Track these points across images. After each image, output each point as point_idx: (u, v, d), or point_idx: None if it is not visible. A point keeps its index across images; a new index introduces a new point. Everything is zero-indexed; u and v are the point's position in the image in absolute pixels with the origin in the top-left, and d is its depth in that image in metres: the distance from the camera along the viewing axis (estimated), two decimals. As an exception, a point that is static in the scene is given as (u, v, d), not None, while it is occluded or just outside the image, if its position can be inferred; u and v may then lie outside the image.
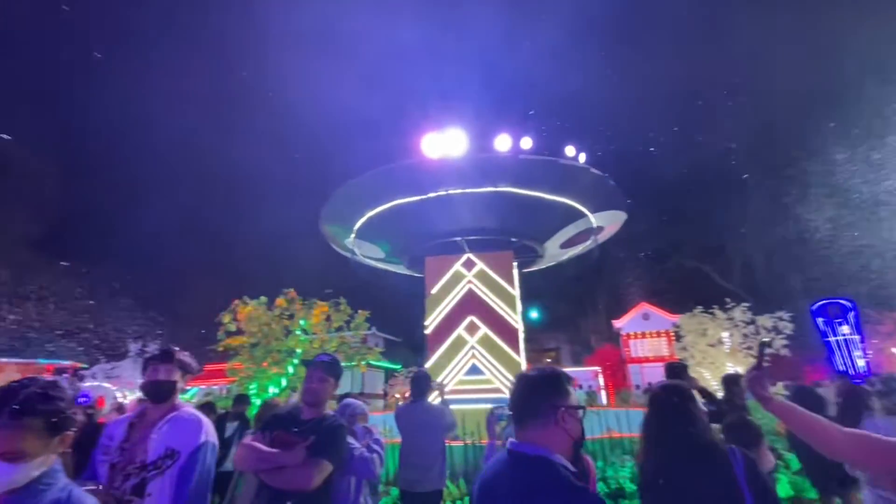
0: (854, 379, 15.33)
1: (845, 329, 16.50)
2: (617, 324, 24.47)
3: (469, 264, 12.28)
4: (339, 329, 8.95)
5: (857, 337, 15.91)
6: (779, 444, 5.27)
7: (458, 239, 12.20)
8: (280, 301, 8.80)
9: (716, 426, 2.47)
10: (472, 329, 11.82)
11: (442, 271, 12.40)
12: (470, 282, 12.16)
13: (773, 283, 21.98)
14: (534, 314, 28.87)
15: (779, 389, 8.92)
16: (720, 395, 4.46)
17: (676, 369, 3.78)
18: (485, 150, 10.56)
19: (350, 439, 2.54)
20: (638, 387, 19.83)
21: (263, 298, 8.73)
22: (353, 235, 12.32)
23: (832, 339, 16.71)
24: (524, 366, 11.79)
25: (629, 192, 12.28)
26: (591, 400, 18.29)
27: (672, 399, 1.82)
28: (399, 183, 10.81)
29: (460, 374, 11.59)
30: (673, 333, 19.81)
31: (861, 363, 16.39)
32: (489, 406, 4.12)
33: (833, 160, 19.22)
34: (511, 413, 1.43)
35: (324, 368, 2.24)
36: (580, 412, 1.33)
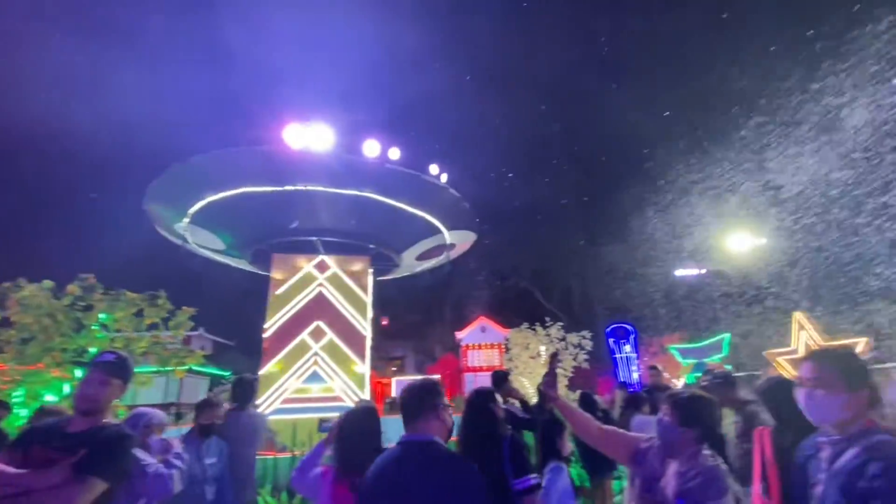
0: (630, 388, 19.43)
1: (627, 348, 20.74)
2: (459, 335, 26.11)
3: (322, 266, 11.81)
4: (153, 327, 7.57)
5: (634, 355, 20.11)
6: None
7: (315, 239, 11.66)
8: (72, 288, 7.05)
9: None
10: (317, 334, 11.33)
11: (291, 271, 11.67)
12: (321, 285, 11.69)
13: (583, 307, 26.32)
14: (384, 322, 29.14)
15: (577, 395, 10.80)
16: (535, 400, 5.13)
17: (499, 377, 4.23)
18: (352, 153, 10.40)
19: (141, 453, 2.17)
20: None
21: (48, 283, 6.91)
22: (186, 220, 10.75)
23: (618, 356, 20.80)
24: (368, 374, 11.74)
25: (481, 215, 13.43)
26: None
27: (477, 399, 2.42)
28: (253, 169, 9.86)
29: (299, 381, 10.97)
30: (504, 346, 21.92)
31: (635, 376, 20.71)
32: (327, 415, 3.99)
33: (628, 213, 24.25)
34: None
35: (105, 369, 1.86)
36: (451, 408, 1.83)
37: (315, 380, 11.04)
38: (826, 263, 17.94)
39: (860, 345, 13.01)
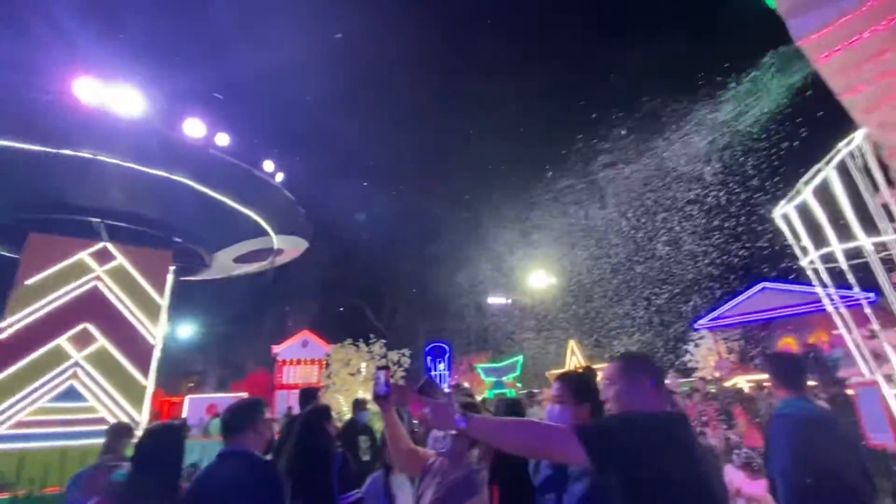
0: None
1: (442, 366, 22.33)
2: (276, 349, 24.14)
3: (104, 255, 9.56)
4: None
5: (447, 372, 21.78)
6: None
7: (96, 221, 9.41)
8: None
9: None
10: (82, 340, 9.02)
11: (54, 256, 9.12)
12: (99, 278, 9.42)
13: (408, 326, 27.32)
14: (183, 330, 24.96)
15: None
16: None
17: (307, 394, 4.04)
18: (169, 128, 8.88)
19: None
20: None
21: None
22: None
23: (433, 373, 22.21)
24: (150, 391, 9.80)
25: (317, 224, 12.88)
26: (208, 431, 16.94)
27: (312, 417, 2.60)
28: (15, 118, 7.50)
29: (43, 400, 8.48)
30: (326, 362, 21.07)
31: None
32: (85, 442, 3.25)
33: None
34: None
35: None
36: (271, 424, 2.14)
37: (69, 398, 8.70)
38: (596, 301, 22.59)
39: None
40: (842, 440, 2.25)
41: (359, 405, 4.86)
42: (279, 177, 10.42)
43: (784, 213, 5.23)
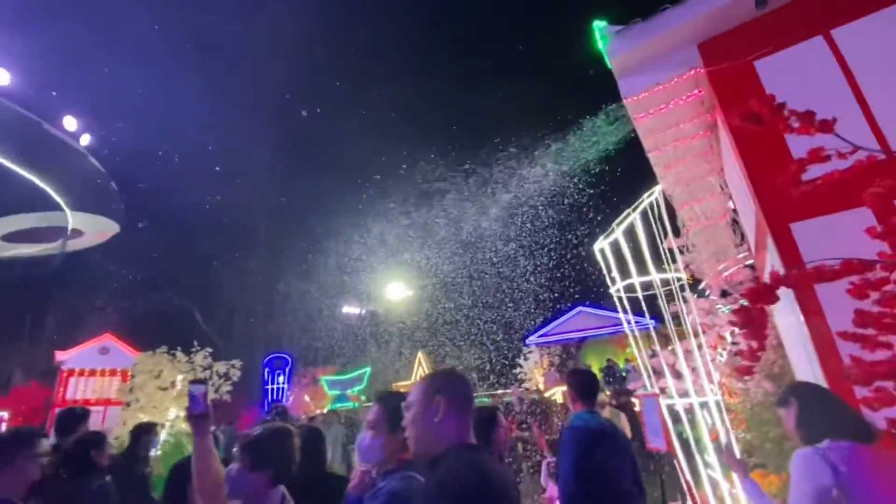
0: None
1: (281, 379, 20.53)
2: (61, 356, 19.25)
3: None
4: None
5: (286, 386, 20.08)
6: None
7: None
8: None
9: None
10: None
11: None
12: None
13: (246, 333, 24.59)
14: None
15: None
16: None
17: (71, 417, 3.09)
18: None
19: None
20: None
21: None
22: None
23: (270, 386, 20.24)
24: None
25: (134, 206, 10.67)
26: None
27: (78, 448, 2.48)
28: None
29: None
30: (131, 373, 17.57)
31: (286, 405, 20.53)
32: None
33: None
34: None
35: None
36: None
37: None
38: (447, 315, 23.60)
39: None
40: (618, 450, 2.57)
41: (143, 430, 3.92)
42: (85, 139, 8.35)
43: (601, 247, 6.10)
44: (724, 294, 6.99)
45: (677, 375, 5.60)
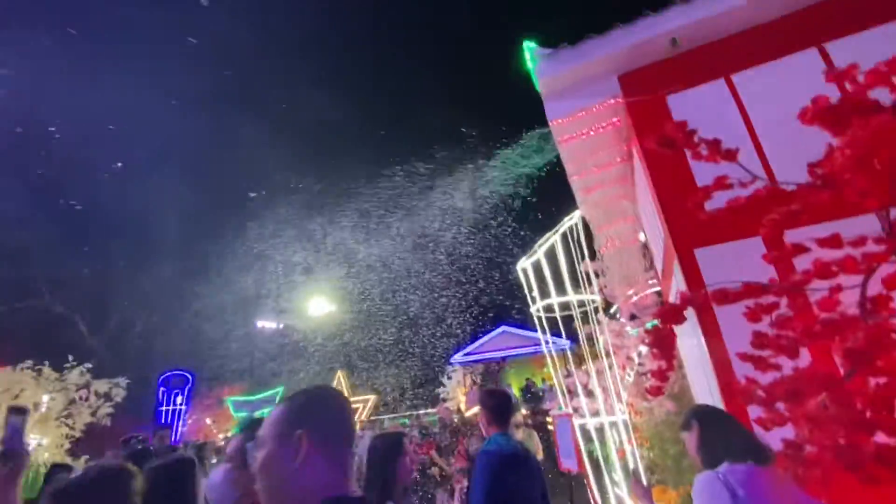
0: (173, 444, 16.92)
1: (179, 399, 18.37)
2: None
3: None
4: None
5: (184, 407, 17.98)
6: None
7: None
8: None
9: None
10: None
11: None
12: None
13: (142, 347, 21.87)
14: None
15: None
16: None
17: None
18: None
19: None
20: None
21: None
22: None
23: (166, 408, 18.01)
24: None
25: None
26: None
27: None
28: None
29: None
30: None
31: (183, 430, 18.42)
32: None
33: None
34: None
35: None
36: None
37: None
38: (371, 332, 22.87)
39: (370, 401, 16.80)
40: (530, 474, 2.50)
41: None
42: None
43: (523, 267, 6.18)
44: (632, 317, 7.39)
45: (590, 395, 5.76)
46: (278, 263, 23.67)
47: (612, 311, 7.11)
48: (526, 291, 6.08)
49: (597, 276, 6.21)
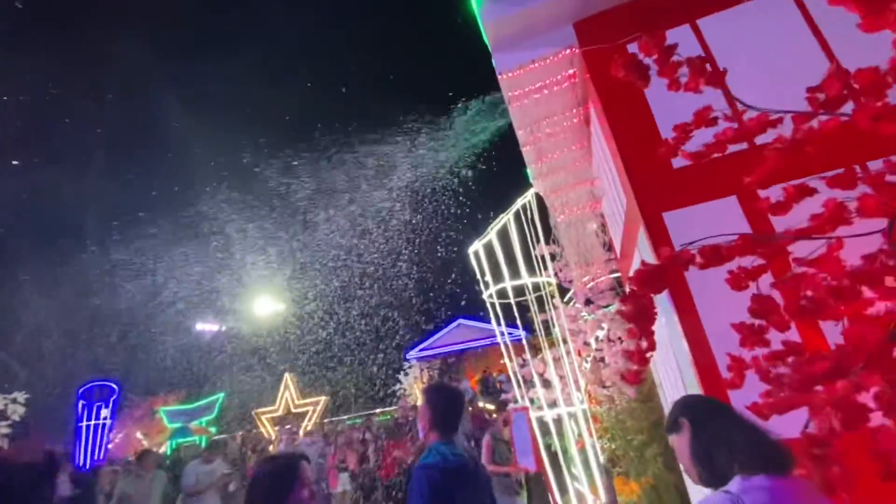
0: (95, 463, 15.16)
1: (105, 413, 16.52)
2: None
3: None
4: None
5: (109, 421, 16.17)
6: None
7: None
8: None
9: None
10: None
11: None
12: None
13: (60, 358, 19.58)
14: None
15: None
16: None
17: None
18: None
19: None
20: None
21: None
22: None
23: (87, 423, 16.12)
24: None
25: None
26: None
27: None
28: None
29: None
30: None
31: (109, 447, 16.60)
32: None
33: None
34: None
35: None
36: None
37: None
38: (319, 332, 21.73)
39: (321, 403, 15.87)
40: (474, 487, 2.02)
41: None
42: None
43: (475, 250, 5.70)
44: (587, 302, 7.13)
45: (546, 385, 5.38)
46: (217, 261, 21.96)
47: (566, 297, 6.80)
48: (479, 276, 5.60)
49: (552, 258, 5.85)
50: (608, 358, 5.65)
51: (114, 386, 16.45)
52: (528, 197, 5.51)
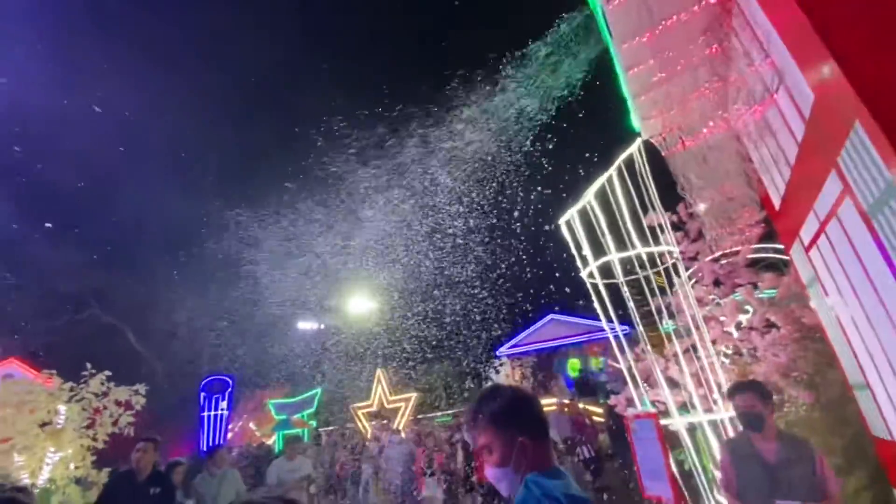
0: (209, 448, 16.65)
1: (223, 404, 18.16)
2: (-52, 387, 16.31)
3: None
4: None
5: (226, 412, 17.73)
6: None
7: None
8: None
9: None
10: None
11: None
12: None
13: (181, 353, 21.97)
14: None
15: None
16: None
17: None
18: None
19: None
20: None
21: None
22: None
23: (209, 413, 17.84)
24: None
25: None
26: None
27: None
28: None
29: None
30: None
31: (230, 436, 18.27)
32: None
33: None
34: None
35: None
36: None
37: None
38: (409, 329, 21.80)
39: (412, 399, 15.68)
40: None
41: None
42: None
43: (569, 219, 4.68)
44: (716, 282, 5.70)
45: (674, 385, 4.19)
46: (313, 263, 23.12)
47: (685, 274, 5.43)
48: (574, 250, 4.58)
49: (680, 226, 4.64)
50: (761, 350, 4.28)
51: (228, 380, 18.03)
52: (637, 145, 4.37)
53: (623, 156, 4.54)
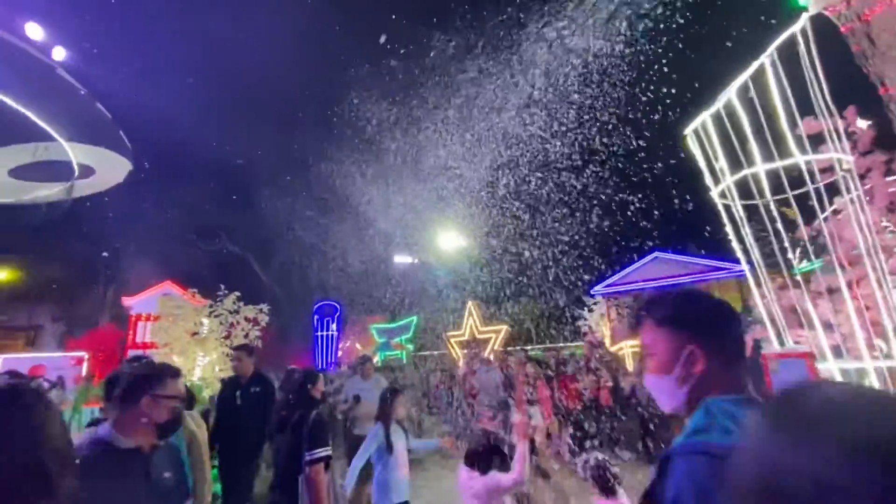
0: (330, 366, 19.05)
1: (333, 327, 20.27)
2: (128, 301, 20.30)
3: None
4: None
5: (336, 333, 19.80)
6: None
7: None
8: None
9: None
10: None
11: None
12: None
13: (302, 282, 24.58)
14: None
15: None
16: None
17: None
18: None
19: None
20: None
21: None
22: None
23: (321, 333, 20.08)
24: None
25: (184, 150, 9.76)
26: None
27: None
28: None
29: None
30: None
31: (339, 354, 20.52)
32: None
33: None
34: None
35: None
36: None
37: None
38: (500, 264, 21.76)
39: (502, 332, 15.91)
40: None
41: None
42: (59, 53, 7.28)
43: (697, 127, 3.85)
44: (892, 208, 4.53)
45: (827, 326, 3.45)
46: (409, 200, 23.66)
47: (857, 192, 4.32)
48: (703, 165, 3.80)
49: (848, 134, 3.61)
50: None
51: (336, 305, 19.93)
52: (802, 23, 3.33)
53: (781, 38, 3.52)
